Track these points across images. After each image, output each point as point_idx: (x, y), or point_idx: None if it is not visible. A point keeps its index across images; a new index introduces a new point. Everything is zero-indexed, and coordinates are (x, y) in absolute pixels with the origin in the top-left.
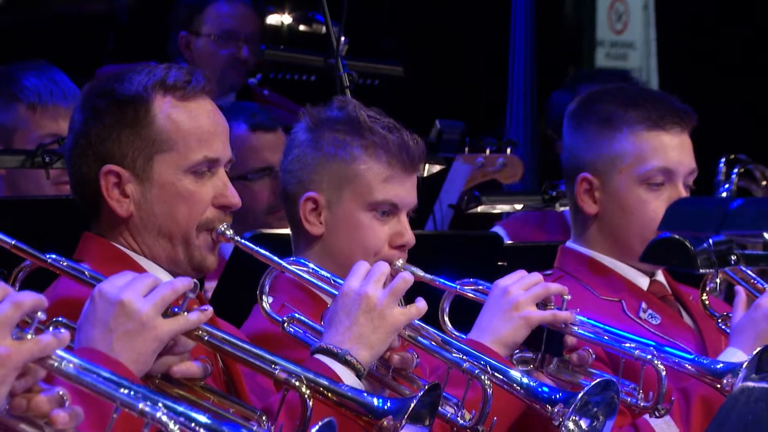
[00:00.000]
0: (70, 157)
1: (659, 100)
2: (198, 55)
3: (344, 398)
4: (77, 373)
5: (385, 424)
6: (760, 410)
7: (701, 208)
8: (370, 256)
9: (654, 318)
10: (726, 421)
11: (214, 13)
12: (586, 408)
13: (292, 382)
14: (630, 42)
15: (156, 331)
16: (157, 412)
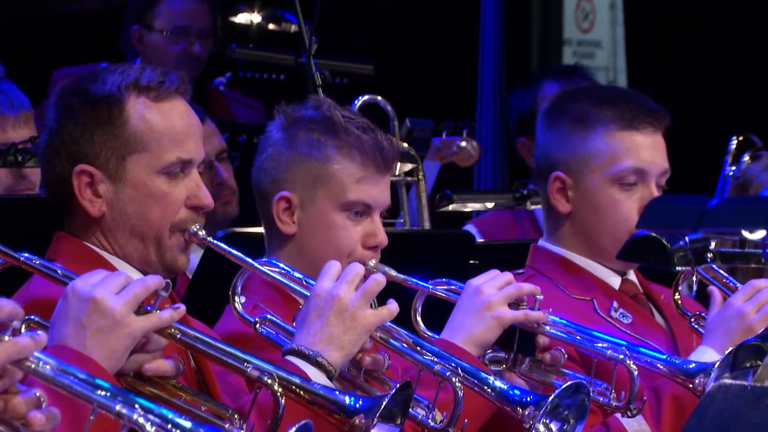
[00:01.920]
0: (43, 156)
1: (633, 100)
2: (150, 50)
3: (316, 396)
4: (54, 374)
5: (356, 423)
6: (737, 406)
7: (679, 206)
8: (344, 256)
9: (626, 317)
10: (704, 418)
11: (166, 8)
12: (557, 411)
13: (265, 380)
14: (597, 41)
15: (128, 328)
16: (134, 413)
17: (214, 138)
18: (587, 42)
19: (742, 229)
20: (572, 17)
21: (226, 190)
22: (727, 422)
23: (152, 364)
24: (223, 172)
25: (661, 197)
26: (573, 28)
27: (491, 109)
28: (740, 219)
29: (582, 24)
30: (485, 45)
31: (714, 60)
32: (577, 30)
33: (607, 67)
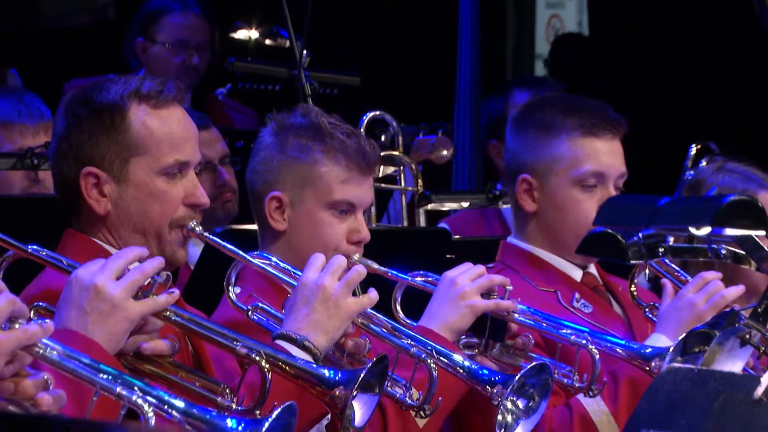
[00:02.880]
0: (53, 160)
1: (594, 109)
2: (153, 60)
3: (299, 371)
4: (60, 359)
5: (337, 394)
6: (685, 388)
7: (632, 204)
8: (330, 250)
9: (586, 307)
10: (655, 399)
11: (169, 22)
12: (523, 389)
13: (252, 357)
14: None
15: (127, 312)
16: (133, 395)
17: (218, 144)
18: None
19: (689, 226)
20: (543, 33)
21: (228, 191)
22: (676, 402)
23: (150, 344)
24: (225, 175)
25: (616, 197)
26: (544, 43)
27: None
28: (687, 217)
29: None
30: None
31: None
32: (548, 45)
33: None
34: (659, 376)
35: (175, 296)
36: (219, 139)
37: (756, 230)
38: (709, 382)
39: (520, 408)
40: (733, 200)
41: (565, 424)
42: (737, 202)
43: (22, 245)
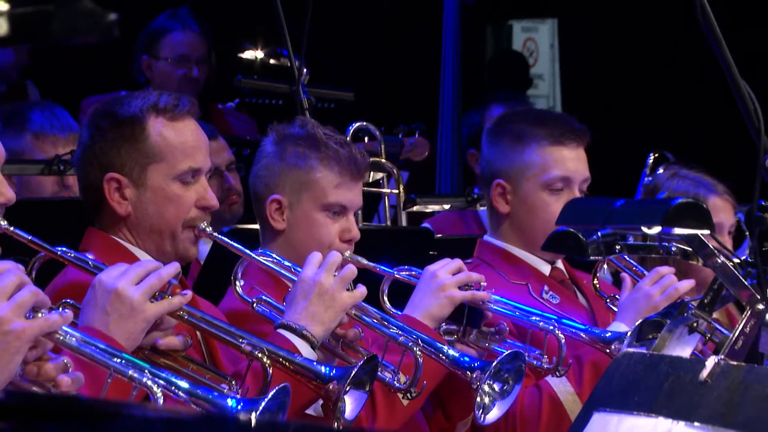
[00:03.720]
0: (78, 167)
1: (560, 121)
2: (157, 75)
3: (297, 366)
4: (78, 345)
5: (331, 388)
6: (639, 370)
7: (591, 206)
8: (324, 248)
9: (554, 298)
10: (612, 380)
11: (170, 40)
12: (499, 374)
13: (256, 354)
14: (539, 74)
15: (144, 314)
16: (144, 377)
17: (225, 152)
18: (532, 75)
19: (642, 226)
20: None
21: (234, 194)
22: (630, 383)
23: (164, 340)
24: (231, 180)
25: (576, 199)
26: None
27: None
28: (640, 217)
29: (528, 60)
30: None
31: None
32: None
33: (548, 95)
34: (615, 359)
35: (188, 297)
36: (226, 147)
37: (701, 229)
38: (659, 365)
39: (496, 391)
40: (681, 202)
41: (534, 403)
42: (684, 204)
43: (52, 248)
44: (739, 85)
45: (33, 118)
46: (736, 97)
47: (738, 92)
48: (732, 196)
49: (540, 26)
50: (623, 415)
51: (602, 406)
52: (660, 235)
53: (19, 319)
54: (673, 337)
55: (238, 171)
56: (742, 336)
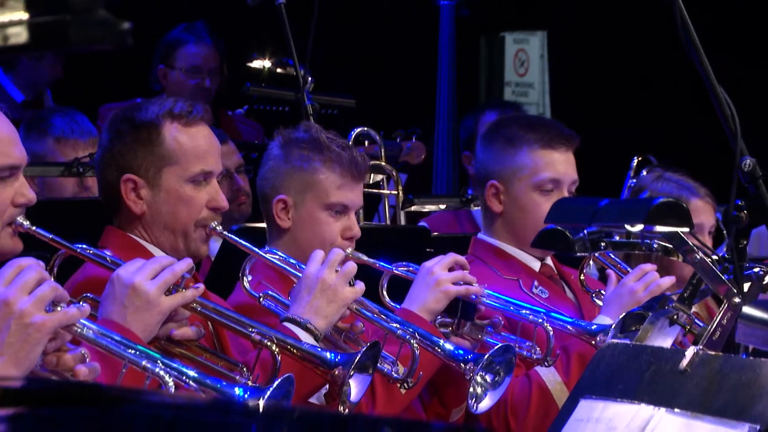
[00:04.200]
0: (98, 168)
1: (551, 126)
2: (172, 84)
3: (304, 353)
4: (95, 337)
5: (336, 373)
6: (623, 360)
7: (577, 205)
8: (327, 245)
9: (543, 293)
10: (597, 369)
11: (184, 52)
12: (491, 366)
13: (265, 342)
14: (530, 83)
15: (160, 307)
16: (156, 367)
17: (234, 155)
18: (523, 83)
19: (625, 224)
20: (512, 64)
21: (243, 195)
22: (614, 372)
23: (179, 331)
24: (240, 182)
25: (564, 199)
26: (512, 73)
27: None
28: (624, 216)
29: (519, 69)
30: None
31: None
32: (515, 74)
33: (538, 103)
34: (600, 350)
35: (200, 290)
36: (235, 151)
37: (681, 227)
38: (642, 355)
39: (488, 381)
40: (662, 202)
41: (525, 391)
42: (665, 204)
43: (72, 245)
44: (717, 92)
45: (54, 123)
46: (714, 104)
47: (716, 99)
48: (713, 199)
49: (530, 38)
50: (608, 402)
51: (588, 394)
52: (642, 232)
53: (40, 313)
54: (655, 328)
55: (246, 173)
56: (719, 328)
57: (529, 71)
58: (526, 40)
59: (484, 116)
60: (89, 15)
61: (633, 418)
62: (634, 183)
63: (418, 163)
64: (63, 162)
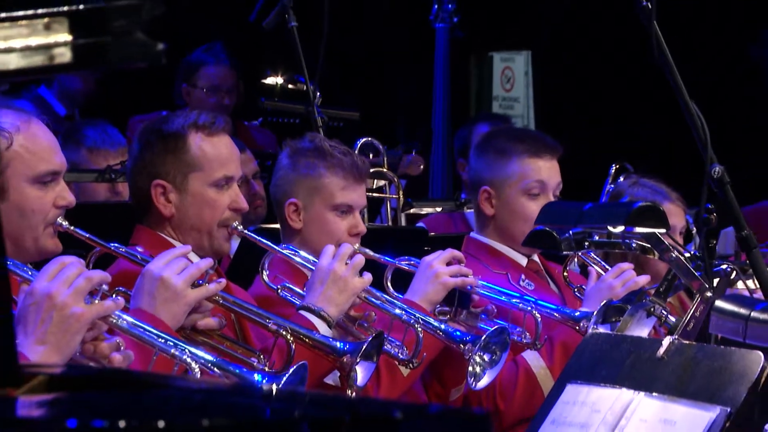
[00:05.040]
0: (129, 174)
1: (537, 137)
2: (194, 101)
3: (316, 342)
4: (129, 327)
5: (345, 360)
6: (605, 349)
7: (564, 208)
8: (335, 242)
9: (530, 285)
10: (582, 356)
11: (205, 72)
12: (488, 346)
13: (281, 332)
14: (515, 97)
15: (186, 298)
16: (184, 355)
17: (251, 163)
18: (509, 98)
19: (607, 225)
20: (499, 80)
21: (258, 199)
22: (598, 359)
23: (203, 321)
24: (256, 187)
25: (552, 203)
26: (499, 88)
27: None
28: (606, 218)
29: (505, 85)
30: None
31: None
32: (502, 89)
33: (522, 115)
34: (584, 339)
35: (222, 284)
36: (251, 159)
37: (658, 229)
38: (622, 344)
39: (486, 361)
40: (641, 206)
41: (512, 375)
42: (644, 207)
43: (106, 243)
44: (688, 106)
45: (87, 134)
46: (686, 116)
47: (688, 111)
48: (683, 202)
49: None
50: (592, 387)
51: (574, 379)
52: (623, 233)
53: (79, 305)
54: (634, 320)
55: (261, 179)
56: (692, 319)
57: (515, 87)
58: (512, 58)
59: (477, 127)
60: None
61: (615, 402)
62: (612, 188)
63: (418, 175)
64: (96, 169)
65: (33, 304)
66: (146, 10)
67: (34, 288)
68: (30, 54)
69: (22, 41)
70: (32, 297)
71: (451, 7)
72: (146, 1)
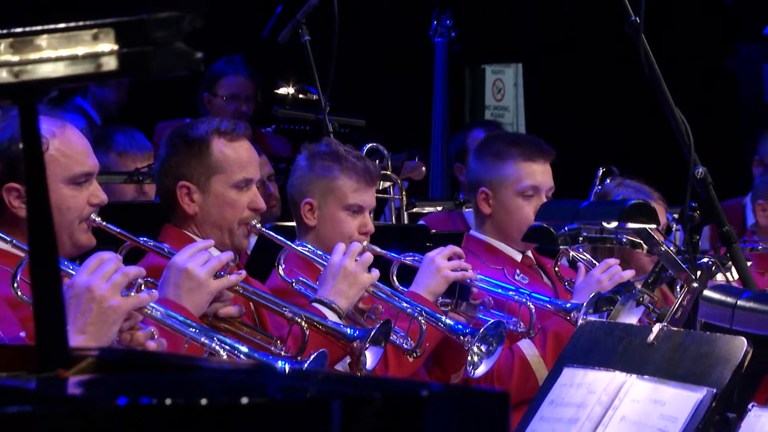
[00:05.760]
0: (157, 176)
1: (531, 142)
2: (215, 109)
3: (328, 329)
4: (162, 317)
5: (355, 345)
6: (599, 335)
7: (561, 206)
8: (346, 239)
9: (524, 279)
10: (578, 342)
11: (225, 82)
12: (485, 338)
13: (296, 319)
14: (506, 106)
15: (209, 288)
16: (213, 343)
17: (266, 166)
18: (499, 107)
19: (602, 221)
20: (491, 91)
21: (273, 200)
22: (592, 345)
23: (224, 309)
24: (271, 188)
25: (550, 201)
26: (491, 98)
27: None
28: (601, 215)
29: (496, 96)
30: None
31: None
32: (493, 99)
33: (512, 123)
34: (579, 326)
35: (242, 276)
36: (267, 162)
37: (650, 224)
38: (615, 331)
39: (483, 351)
40: (634, 203)
41: (508, 362)
42: (636, 205)
43: (137, 238)
44: (674, 112)
45: (117, 139)
46: (671, 121)
47: (673, 117)
48: (664, 201)
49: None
50: (588, 370)
51: (570, 363)
52: (616, 228)
53: (116, 297)
54: (625, 309)
55: (276, 181)
56: (680, 308)
57: (505, 97)
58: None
59: (472, 133)
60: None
61: (609, 383)
62: (599, 189)
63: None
64: (125, 171)
65: (74, 297)
66: (187, 21)
67: (75, 282)
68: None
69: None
70: (73, 290)
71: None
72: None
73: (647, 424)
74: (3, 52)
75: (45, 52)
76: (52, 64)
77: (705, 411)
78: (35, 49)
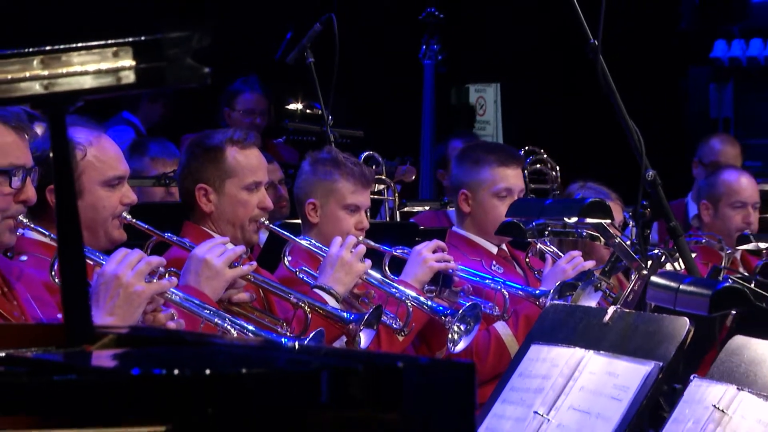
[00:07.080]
0: (178, 180)
1: (505, 149)
2: (232, 122)
3: (328, 312)
4: (181, 301)
5: (351, 327)
6: (562, 316)
7: (529, 204)
8: (344, 235)
9: (499, 269)
10: (544, 322)
11: (242, 98)
12: (464, 319)
13: (300, 304)
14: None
15: (225, 276)
16: (225, 323)
17: (277, 172)
18: (481, 121)
19: (564, 217)
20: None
21: (283, 201)
22: (556, 325)
23: (237, 295)
24: (281, 191)
25: (519, 199)
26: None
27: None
28: (563, 211)
29: (479, 111)
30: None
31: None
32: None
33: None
34: (545, 309)
35: (253, 266)
36: (278, 168)
37: (605, 220)
38: (576, 312)
39: (462, 330)
40: (591, 201)
41: (485, 341)
42: (593, 203)
43: (161, 233)
44: (627, 122)
45: (151, 147)
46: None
47: (627, 127)
48: (621, 201)
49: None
50: (552, 347)
51: (537, 340)
52: (576, 223)
53: (140, 283)
54: (584, 293)
55: (285, 185)
56: (632, 292)
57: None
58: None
59: (452, 143)
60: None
61: (570, 358)
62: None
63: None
64: (154, 175)
65: (103, 284)
66: (195, 40)
67: (104, 270)
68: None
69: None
70: (102, 278)
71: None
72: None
73: (603, 393)
74: (35, 68)
75: (72, 68)
76: (77, 77)
77: (653, 382)
78: (63, 65)
